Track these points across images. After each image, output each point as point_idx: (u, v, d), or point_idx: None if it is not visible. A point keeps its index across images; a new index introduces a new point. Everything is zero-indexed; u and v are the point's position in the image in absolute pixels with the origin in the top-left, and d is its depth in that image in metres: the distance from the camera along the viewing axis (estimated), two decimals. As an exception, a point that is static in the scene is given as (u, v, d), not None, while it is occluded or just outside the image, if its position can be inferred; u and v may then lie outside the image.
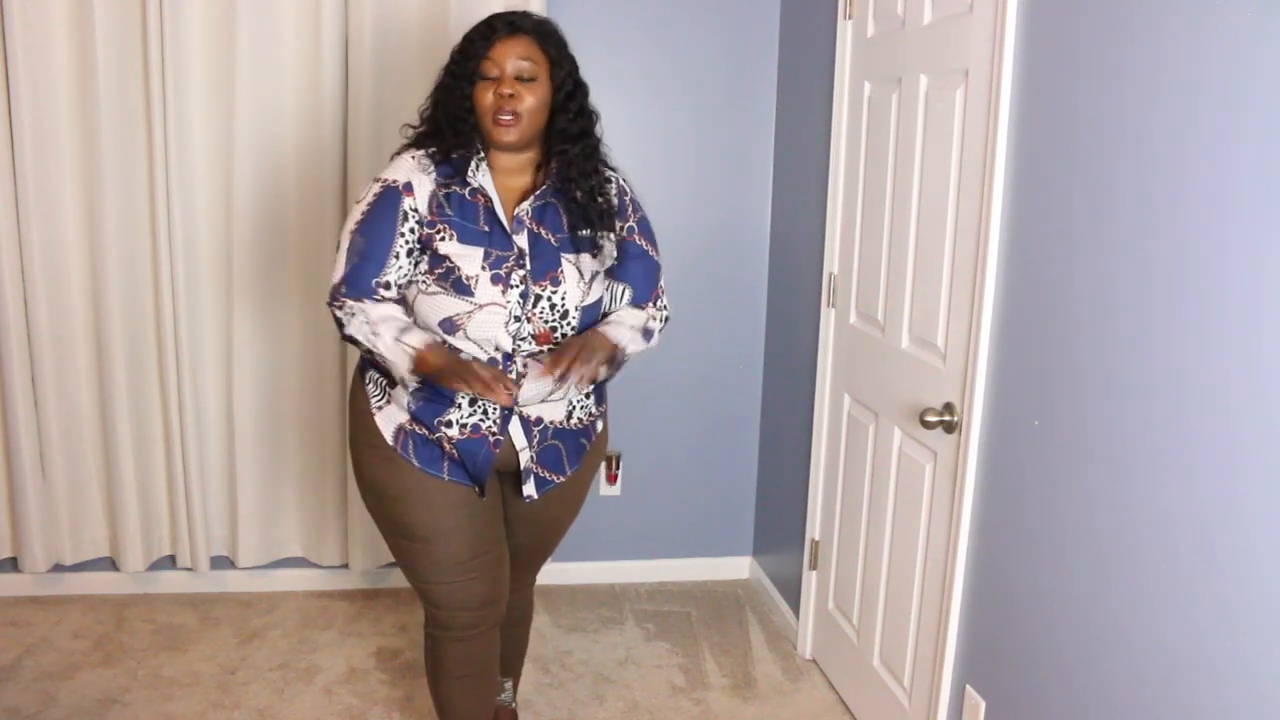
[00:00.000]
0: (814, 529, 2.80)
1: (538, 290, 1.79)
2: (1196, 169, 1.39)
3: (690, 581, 3.33)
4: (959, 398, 2.01)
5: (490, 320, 1.75)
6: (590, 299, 1.84)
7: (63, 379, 2.90)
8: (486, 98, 1.76)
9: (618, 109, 3.04)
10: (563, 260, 1.82)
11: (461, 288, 1.75)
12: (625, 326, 1.89)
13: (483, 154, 1.82)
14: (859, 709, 2.54)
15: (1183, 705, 1.43)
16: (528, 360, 1.81)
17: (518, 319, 1.77)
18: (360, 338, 1.76)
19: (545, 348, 1.80)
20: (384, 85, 2.79)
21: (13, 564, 3.03)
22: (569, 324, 1.82)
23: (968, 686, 2.01)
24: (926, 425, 2.03)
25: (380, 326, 1.74)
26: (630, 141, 3.05)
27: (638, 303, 1.94)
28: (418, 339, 1.74)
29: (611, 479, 3.25)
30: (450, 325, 1.76)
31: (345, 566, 3.14)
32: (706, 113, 3.08)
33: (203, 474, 2.98)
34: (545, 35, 1.80)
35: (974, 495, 1.98)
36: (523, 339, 1.79)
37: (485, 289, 1.75)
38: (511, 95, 1.74)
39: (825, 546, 2.74)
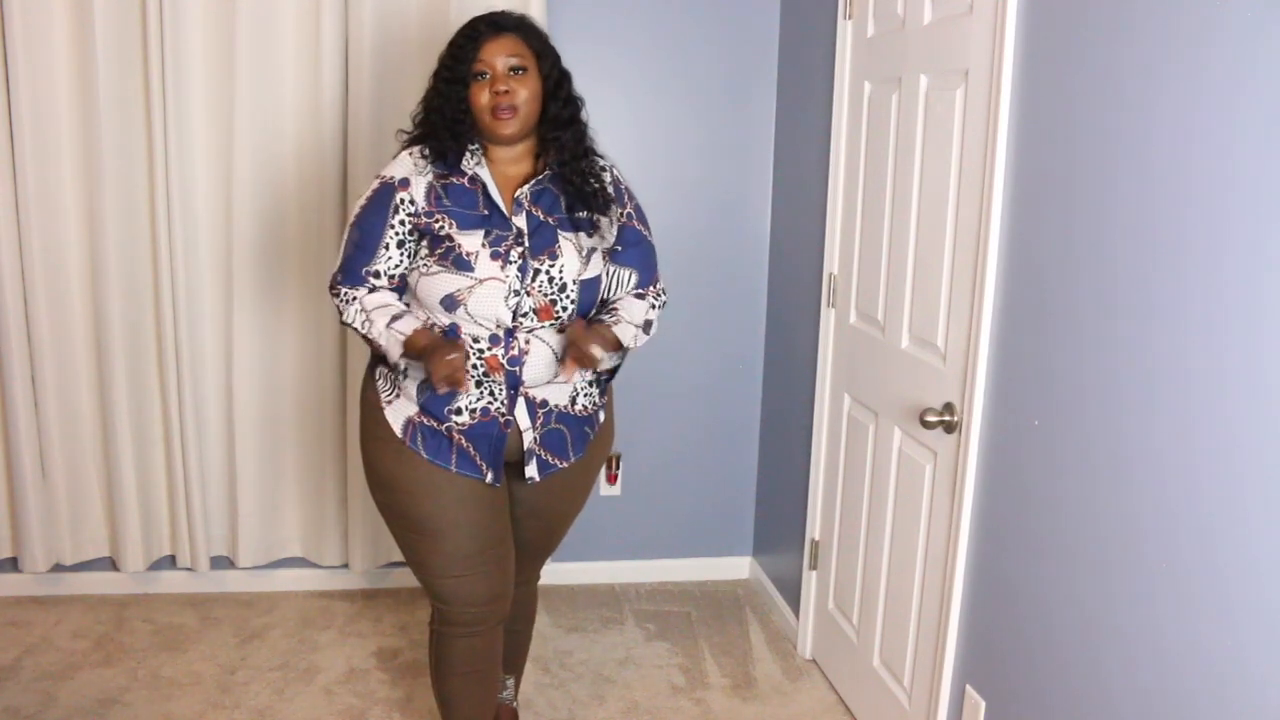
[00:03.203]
0: (814, 529, 2.80)
1: (536, 264, 1.83)
2: (1197, 168, 1.39)
3: (690, 581, 3.33)
4: (959, 398, 2.01)
5: (490, 295, 1.79)
6: (589, 274, 1.88)
7: (63, 379, 2.90)
8: (483, 96, 1.83)
9: (618, 109, 3.05)
10: (560, 237, 1.87)
11: (462, 263, 1.80)
12: (629, 325, 1.94)
13: (478, 146, 1.89)
14: (859, 709, 2.54)
15: (1182, 705, 1.43)
16: (530, 338, 1.84)
17: (517, 293, 1.81)
18: (356, 324, 1.85)
19: (547, 323, 1.84)
20: (384, 85, 2.79)
21: (13, 564, 3.03)
22: (568, 297, 1.85)
23: (968, 686, 2.01)
24: (926, 425, 2.03)
25: (374, 314, 1.84)
26: (631, 141, 3.05)
27: (641, 287, 2.00)
28: (408, 325, 1.81)
29: (611, 479, 3.25)
30: (451, 302, 1.80)
31: (345, 566, 3.14)
32: (707, 113, 3.08)
33: (203, 474, 2.98)
34: (528, 31, 1.88)
35: (974, 495, 1.98)
36: (524, 314, 1.82)
37: (485, 264, 1.80)
38: (507, 91, 1.82)
39: (825, 546, 2.74)
